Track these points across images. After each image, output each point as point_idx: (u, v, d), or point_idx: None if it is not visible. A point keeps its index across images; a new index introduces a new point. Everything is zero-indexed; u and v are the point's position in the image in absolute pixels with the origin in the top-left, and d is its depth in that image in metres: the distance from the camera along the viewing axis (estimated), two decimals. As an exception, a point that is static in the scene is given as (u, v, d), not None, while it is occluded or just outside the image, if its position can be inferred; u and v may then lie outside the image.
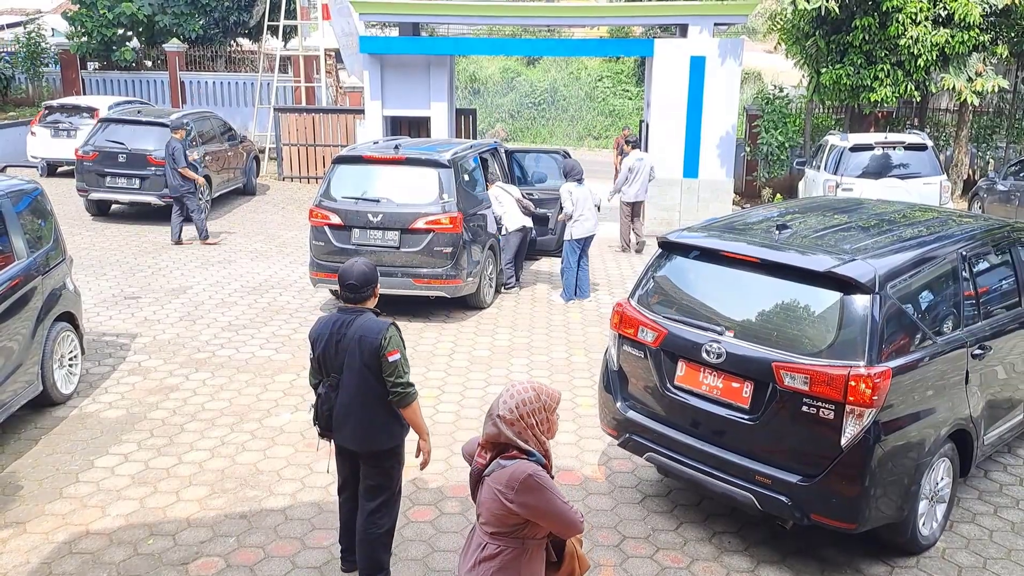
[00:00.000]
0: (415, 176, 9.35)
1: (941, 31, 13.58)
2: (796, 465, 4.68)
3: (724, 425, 4.94)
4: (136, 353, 8.24)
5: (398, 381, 4.25)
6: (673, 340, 5.19)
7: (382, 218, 9.13)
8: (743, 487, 4.82)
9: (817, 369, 4.53)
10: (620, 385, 5.59)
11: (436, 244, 9.07)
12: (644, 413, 5.40)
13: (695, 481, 5.12)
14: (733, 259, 5.19)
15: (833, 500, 4.58)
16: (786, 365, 4.62)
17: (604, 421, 5.79)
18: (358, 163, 9.62)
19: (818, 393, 4.51)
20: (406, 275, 9.12)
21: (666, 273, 5.63)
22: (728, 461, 4.89)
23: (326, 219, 9.30)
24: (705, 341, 4.99)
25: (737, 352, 4.85)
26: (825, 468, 4.54)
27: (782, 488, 4.67)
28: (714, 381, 4.99)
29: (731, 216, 6.42)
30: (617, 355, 5.61)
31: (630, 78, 35.81)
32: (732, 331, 4.95)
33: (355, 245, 9.15)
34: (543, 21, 17.19)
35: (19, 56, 23.78)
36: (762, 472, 4.74)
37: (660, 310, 5.41)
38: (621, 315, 5.58)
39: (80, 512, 5.39)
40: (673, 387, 5.19)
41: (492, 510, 3.06)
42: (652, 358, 5.30)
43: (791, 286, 4.92)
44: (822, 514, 4.63)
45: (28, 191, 7.11)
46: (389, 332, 4.27)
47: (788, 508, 4.67)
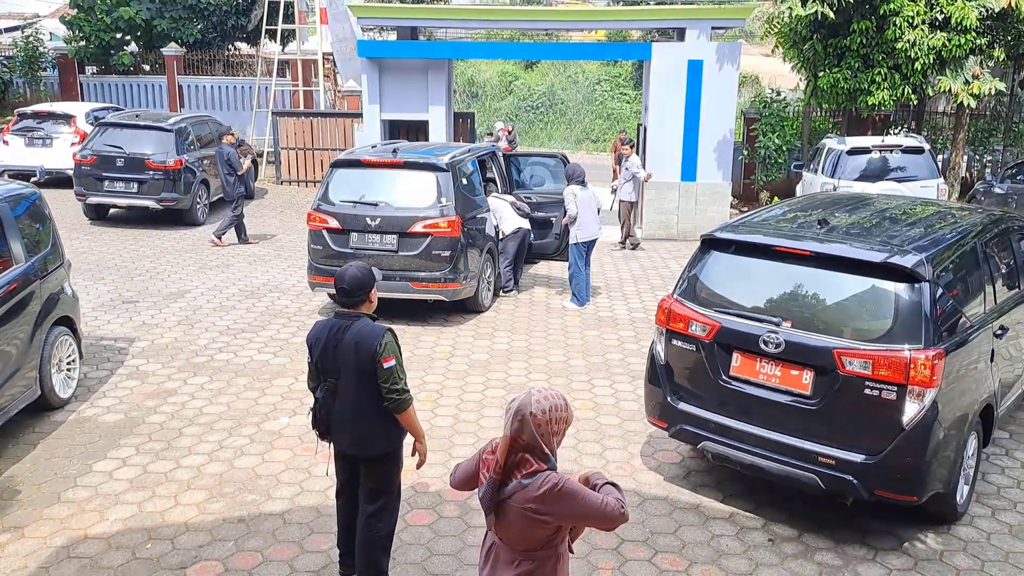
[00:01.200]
0: (413, 180, 9.37)
1: (938, 35, 13.61)
2: (859, 445, 4.97)
3: (784, 411, 5.19)
4: (134, 357, 8.24)
5: (393, 387, 4.26)
6: (727, 333, 5.42)
7: (380, 222, 9.13)
8: (806, 469, 5.09)
9: (879, 354, 4.85)
10: (669, 378, 5.80)
11: (434, 248, 9.08)
12: (697, 404, 5.62)
13: (755, 466, 5.33)
14: (784, 253, 5.43)
15: (897, 476, 4.91)
16: (848, 351, 4.93)
17: (651, 413, 5.99)
18: (356, 167, 9.62)
19: (880, 376, 4.83)
20: (404, 279, 9.12)
21: (712, 269, 5.83)
22: (789, 445, 5.15)
23: (324, 223, 9.31)
24: (762, 332, 5.24)
25: (796, 341, 5.12)
26: (888, 446, 4.87)
27: (846, 468, 4.96)
28: (772, 370, 5.25)
29: (755, 214, 6.56)
30: (665, 349, 5.81)
31: (628, 82, 35.87)
32: (789, 322, 5.21)
33: (353, 249, 9.16)
34: (541, 25, 17.22)
35: (17, 60, 23.78)
36: (825, 454, 5.02)
37: (710, 304, 5.62)
38: (669, 311, 5.77)
39: (78, 516, 5.38)
40: (728, 377, 5.43)
41: (523, 530, 3.04)
42: (705, 351, 5.52)
43: (845, 277, 5.22)
44: (886, 489, 4.95)
45: (26, 195, 7.11)
46: (385, 338, 4.27)
47: (852, 486, 4.96)
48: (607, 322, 9.77)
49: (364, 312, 4.40)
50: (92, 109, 18.45)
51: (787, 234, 5.70)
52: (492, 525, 3.12)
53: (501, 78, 36.80)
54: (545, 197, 11.87)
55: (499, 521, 3.07)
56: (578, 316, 9.98)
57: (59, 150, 17.07)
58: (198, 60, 23.95)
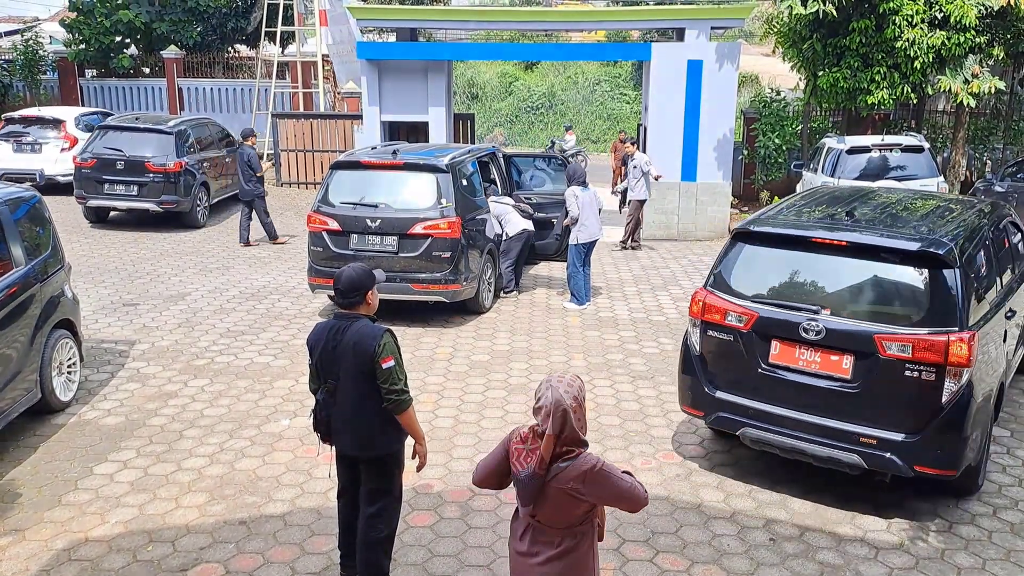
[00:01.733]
0: (413, 181, 9.38)
1: (937, 33, 13.60)
2: (899, 424, 5.24)
3: (825, 395, 5.43)
4: (135, 360, 8.24)
5: (392, 388, 4.26)
6: (766, 322, 5.63)
7: (380, 223, 9.13)
8: (848, 449, 5.35)
9: (919, 337, 5.13)
10: (704, 368, 5.99)
11: (434, 249, 9.08)
12: (735, 392, 5.81)
13: (796, 449, 5.54)
14: (819, 244, 5.69)
15: (937, 452, 5.19)
16: (888, 336, 5.20)
17: (686, 403, 6.19)
18: (356, 168, 9.62)
19: (920, 358, 5.11)
20: (404, 280, 9.10)
21: (746, 261, 6.02)
22: (830, 428, 5.41)
23: (324, 225, 9.31)
24: (802, 320, 5.46)
25: (836, 328, 5.36)
26: (928, 424, 5.16)
27: (887, 446, 5.24)
28: (812, 356, 5.48)
29: (768, 211, 6.68)
30: (700, 340, 5.97)
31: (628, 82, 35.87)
32: (828, 309, 5.45)
33: (353, 250, 9.16)
34: (540, 25, 17.22)
35: (17, 64, 23.80)
36: (867, 434, 5.29)
37: (746, 296, 5.81)
38: (704, 303, 5.93)
39: (79, 519, 5.39)
40: (768, 365, 5.64)
41: (563, 509, 3.19)
42: (743, 340, 5.72)
43: (880, 265, 5.49)
44: (926, 465, 5.22)
45: (26, 199, 7.11)
46: (383, 339, 4.27)
47: (894, 464, 5.24)
48: (608, 322, 9.77)
49: (362, 313, 4.40)
50: (82, 114, 18.16)
51: (823, 225, 5.96)
52: (530, 510, 3.23)
53: (501, 79, 36.80)
54: (545, 198, 11.87)
55: (538, 504, 3.20)
56: (579, 316, 9.98)
57: (48, 155, 16.80)
58: (198, 63, 23.95)
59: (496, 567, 4.93)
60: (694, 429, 6.84)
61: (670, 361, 8.47)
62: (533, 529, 3.29)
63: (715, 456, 6.38)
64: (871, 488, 5.87)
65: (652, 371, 8.20)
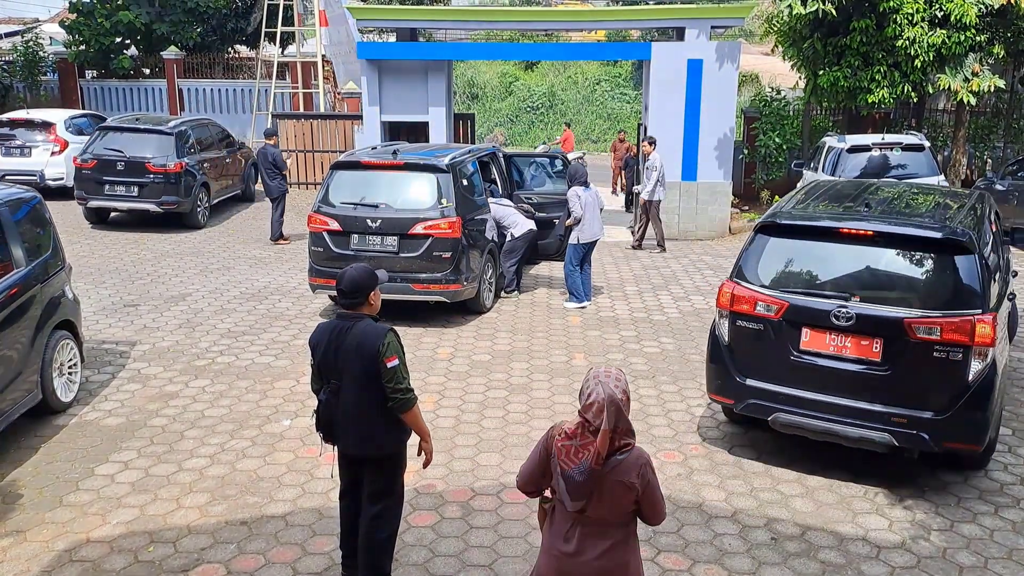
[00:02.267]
0: (414, 181, 9.37)
1: (938, 32, 13.60)
2: (928, 403, 5.50)
3: (856, 379, 5.67)
4: (135, 360, 8.24)
5: (397, 387, 4.25)
6: (796, 310, 5.83)
7: (381, 223, 9.12)
8: (880, 429, 5.59)
9: (947, 320, 5.40)
10: (733, 357, 6.17)
11: (435, 249, 9.07)
12: (766, 379, 5.99)
13: (828, 432, 5.75)
14: (845, 234, 5.91)
15: (964, 428, 5.47)
16: (917, 320, 5.46)
17: (715, 391, 6.38)
18: (356, 168, 9.60)
19: (948, 340, 5.37)
20: (405, 280, 9.08)
21: (772, 253, 6.20)
22: (862, 409, 5.64)
23: (324, 225, 9.31)
24: (832, 308, 5.67)
25: (867, 314, 5.59)
26: (956, 402, 5.42)
27: (917, 425, 5.50)
28: (842, 342, 5.70)
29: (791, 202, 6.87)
30: (729, 330, 6.16)
31: (628, 81, 35.88)
32: (857, 296, 5.67)
33: (354, 251, 9.16)
34: (540, 25, 17.22)
35: (17, 65, 23.81)
36: (897, 414, 5.54)
37: (774, 286, 6.01)
38: (732, 295, 6.11)
39: (80, 520, 5.38)
40: (798, 352, 5.83)
41: (617, 502, 3.21)
42: (774, 329, 5.92)
43: (905, 253, 5.82)
44: (954, 441, 5.54)
45: (27, 200, 7.11)
46: (387, 338, 4.26)
47: (924, 441, 5.51)
48: (608, 322, 9.77)
49: (365, 313, 4.39)
50: (72, 116, 17.68)
51: (846, 216, 6.17)
52: (580, 506, 3.21)
53: (501, 79, 36.81)
54: (546, 198, 11.86)
55: (592, 499, 3.19)
56: (579, 316, 9.97)
57: (38, 159, 16.45)
58: (198, 63, 23.97)
59: (498, 567, 4.93)
60: (695, 428, 6.84)
61: (671, 360, 8.47)
62: (582, 526, 3.26)
63: (716, 455, 6.38)
64: (871, 487, 5.87)
65: (653, 370, 8.19)
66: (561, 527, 3.32)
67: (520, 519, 5.43)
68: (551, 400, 7.43)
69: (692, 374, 8.07)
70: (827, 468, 6.17)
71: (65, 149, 16.50)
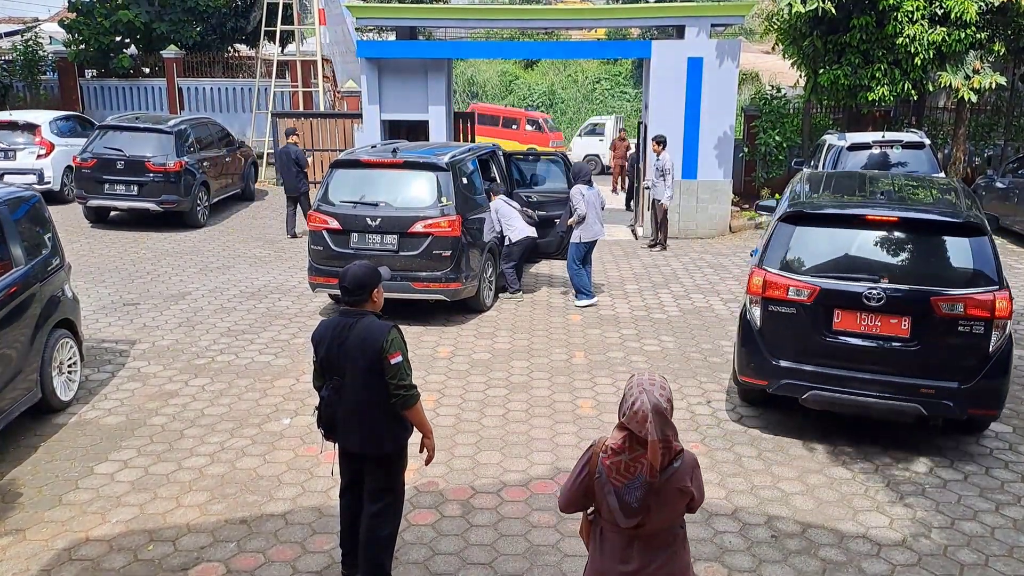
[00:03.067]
0: (413, 179, 9.36)
1: (938, 29, 13.58)
2: (953, 374, 5.95)
3: (886, 355, 6.08)
4: (135, 359, 8.24)
5: (401, 383, 4.25)
6: (828, 294, 6.18)
7: (380, 222, 9.11)
8: (909, 400, 6.02)
9: (970, 297, 5.87)
10: (765, 340, 6.47)
11: (435, 248, 9.06)
12: (799, 360, 6.34)
13: (861, 405, 6.17)
14: (870, 221, 6.31)
15: (986, 395, 5.98)
16: (943, 297, 5.91)
17: (748, 374, 6.66)
18: (356, 167, 9.58)
19: (972, 315, 5.85)
20: (405, 279, 9.07)
21: (800, 240, 6.51)
22: (892, 383, 6.06)
23: (324, 223, 9.30)
24: (863, 290, 6.05)
25: (896, 294, 6.01)
26: (979, 372, 5.91)
27: (944, 394, 5.96)
28: (872, 321, 6.09)
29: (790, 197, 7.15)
30: (761, 315, 6.46)
31: (628, 80, 35.87)
32: (886, 278, 6.06)
33: (354, 249, 9.13)
34: (541, 23, 17.19)
35: (17, 65, 23.80)
36: (925, 385, 5.98)
37: (805, 271, 6.35)
38: (765, 281, 6.41)
39: (80, 519, 5.38)
40: (831, 332, 6.19)
41: (676, 508, 3.18)
42: (807, 312, 6.25)
43: (928, 237, 6.29)
44: (976, 407, 6.04)
45: (26, 198, 7.10)
46: (391, 335, 4.26)
47: (950, 409, 5.98)
48: (609, 320, 9.76)
49: (369, 310, 4.38)
50: (57, 118, 17.05)
51: (874, 204, 6.60)
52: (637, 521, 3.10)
53: (501, 78, 36.80)
54: (546, 196, 11.85)
55: (650, 511, 3.09)
56: (580, 315, 9.96)
57: (23, 162, 15.95)
58: (197, 62, 23.94)
59: (498, 565, 4.92)
60: (696, 427, 6.83)
61: (671, 359, 8.46)
62: (640, 541, 3.16)
63: (716, 453, 6.37)
64: (872, 485, 5.87)
65: (654, 369, 8.18)
66: (616, 546, 3.20)
67: (520, 517, 5.43)
68: (551, 398, 7.42)
69: (692, 372, 8.07)
70: (827, 466, 6.17)
71: (51, 152, 16.09)
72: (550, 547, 5.10)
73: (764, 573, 4.88)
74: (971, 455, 6.35)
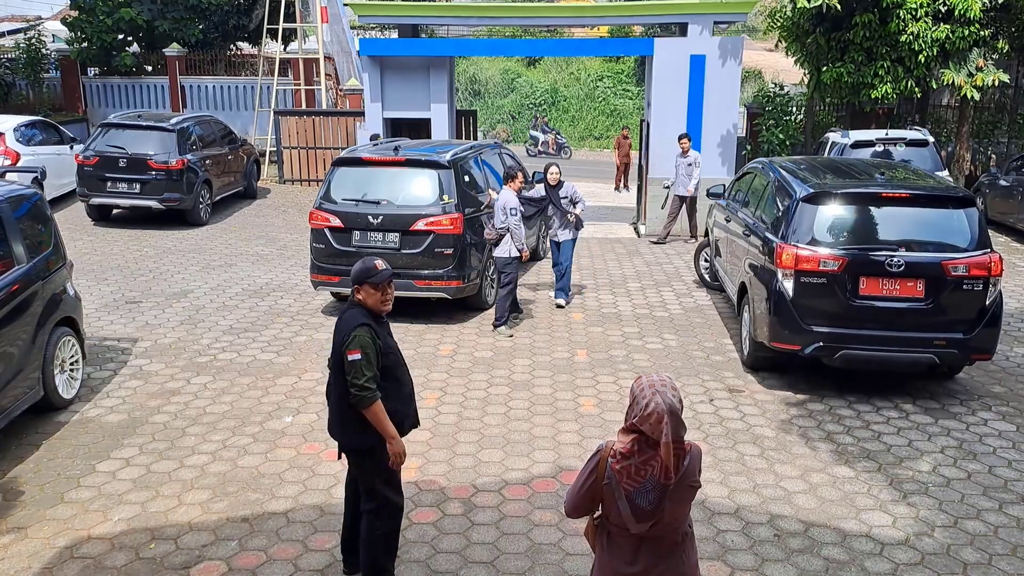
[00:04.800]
0: (415, 177, 9.35)
1: (941, 27, 13.53)
2: (959, 326, 6.99)
3: (903, 314, 7.01)
4: (137, 357, 8.23)
5: (354, 381, 4.19)
6: (855, 263, 7.02)
7: (382, 220, 9.10)
8: (925, 352, 7.01)
9: (971, 259, 6.93)
10: (798, 308, 7.17)
11: (437, 245, 9.04)
12: (829, 324, 7.11)
13: (883, 360, 7.11)
14: (885, 198, 7.25)
15: (984, 341, 7.05)
16: (952, 261, 6.92)
17: (780, 340, 7.32)
18: (358, 165, 9.59)
19: (974, 275, 6.91)
20: (407, 277, 9.02)
21: (822, 218, 7.28)
22: (910, 338, 7.02)
23: (326, 221, 9.27)
24: (885, 258, 6.95)
25: (913, 261, 6.94)
26: (978, 323, 6.98)
27: (952, 344, 6.99)
28: (892, 286, 6.99)
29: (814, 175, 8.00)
30: (794, 286, 7.16)
31: (630, 78, 35.80)
32: (903, 247, 6.98)
33: (356, 247, 9.12)
34: (543, 21, 17.16)
35: (20, 63, 23.80)
36: (937, 337, 6.99)
37: (831, 245, 7.14)
38: (796, 255, 7.15)
39: (81, 517, 5.37)
40: (858, 297, 7.01)
41: (686, 504, 3.16)
42: (835, 281, 7.05)
43: (932, 210, 7.32)
44: (977, 353, 7.12)
45: (27, 196, 7.10)
46: (355, 332, 4.23)
47: (955, 356, 7.07)
48: (611, 318, 9.74)
49: (358, 303, 4.38)
50: (21, 124, 15.50)
51: (884, 183, 7.52)
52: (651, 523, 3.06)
53: (503, 75, 36.75)
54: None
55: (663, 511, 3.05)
56: (582, 313, 9.94)
57: None
58: (200, 60, 23.92)
59: (500, 563, 4.91)
60: (698, 425, 6.82)
61: (674, 356, 8.44)
62: (649, 542, 3.11)
63: (719, 452, 6.36)
64: (875, 484, 5.85)
65: (656, 367, 8.17)
66: (625, 548, 3.15)
67: (522, 516, 5.42)
68: (553, 397, 7.41)
69: (695, 370, 8.05)
70: (830, 465, 6.16)
71: (17, 162, 14.43)
72: (552, 545, 5.09)
73: (767, 572, 4.87)
74: (974, 453, 6.34)
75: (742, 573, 4.86)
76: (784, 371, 7.92)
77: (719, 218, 10.34)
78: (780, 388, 7.62)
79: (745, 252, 8.44)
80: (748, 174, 9.75)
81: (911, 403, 7.29)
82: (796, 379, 7.79)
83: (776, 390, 7.57)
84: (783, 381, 7.77)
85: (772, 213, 7.96)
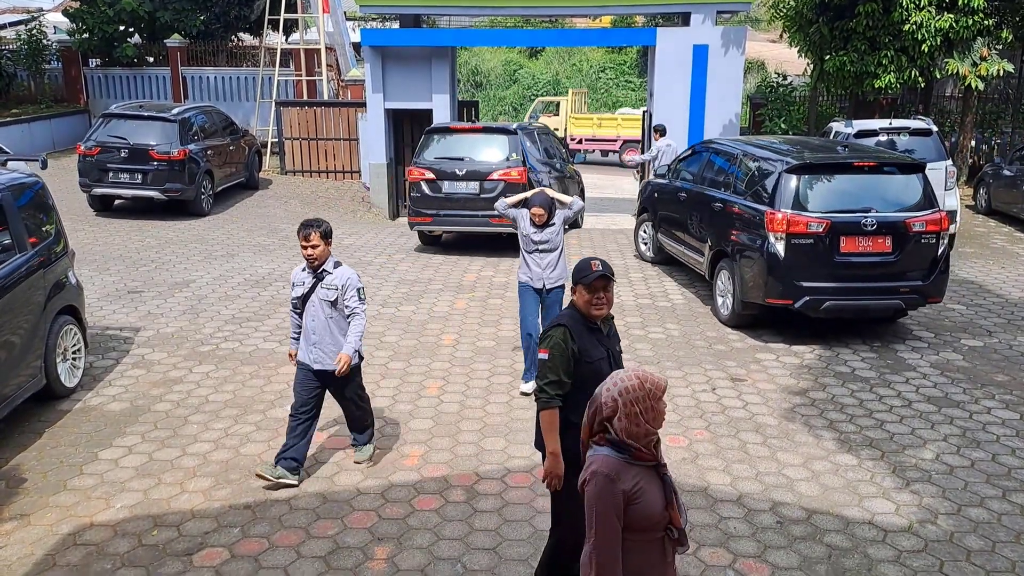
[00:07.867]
0: (490, 141, 12.24)
1: (945, 16, 13.48)
2: (917, 275, 8.19)
3: (876, 267, 8.10)
4: (139, 346, 8.23)
5: (538, 381, 4.27)
6: (836, 225, 8.00)
7: (465, 172, 11.82)
8: (893, 299, 8.21)
9: (927, 217, 8.14)
10: (789, 267, 8.07)
11: (507, 192, 10.84)
12: (817, 280, 8.07)
13: (861, 308, 8.27)
14: (857, 167, 8.34)
15: (938, 286, 8.31)
16: (914, 219, 8.09)
17: (774, 296, 8.21)
18: (445, 133, 12.48)
19: (930, 230, 8.11)
20: (485, 216, 11.35)
21: (806, 186, 8.23)
22: (882, 287, 8.16)
23: (422, 175, 11.97)
24: (861, 219, 8.00)
25: (883, 220, 8.03)
26: (933, 271, 8.21)
27: (914, 291, 8.20)
28: (866, 243, 8.05)
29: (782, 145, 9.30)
30: (785, 247, 8.06)
31: (633, 69, 35.75)
32: (873, 209, 8.05)
33: (445, 195, 11.87)
34: (545, 11, 17.11)
35: (21, 53, 23.76)
36: (903, 286, 8.16)
37: (815, 209, 8.11)
38: (787, 219, 8.04)
39: (84, 504, 5.38)
40: (840, 255, 8.04)
41: None
42: (821, 241, 8.02)
43: (891, 176, 8.43)
44: (932, 296, 8.33)
45: (29, 185, 7.09)
46: (551, 331, 4.34)
47: (916, 300, 8.28)
48: (614, 308, 9.69)
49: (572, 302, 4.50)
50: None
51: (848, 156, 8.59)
52: None
53: (505, 66, 36.69)
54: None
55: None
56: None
57: None
58: (201, 51, 23.88)
59: (502, 550, 4.91)
60: (700, 414, 6.81)
61: (676, 346, 8.43)
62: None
63: (721, 440, 6.35)
64: (878, 472, 5.84)
65: (658, 356, 8.16)
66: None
67: (524, 503, 5.42)
68: (556, 385, 7.38)
69: (697, 360, 8.04)
70: (833, 452, 6.15)
71: None
72: (554, 533, 5.09)
73: (769, 559, 4.87)
74: (977, 441, 6.32)
75: (744, 560, 4.85)
76: (779, 357, 7.91)
77: (664, 197, 11.09)
78: (783, 377, 7.61)
79: (723, 222, 9.13)
80: (695, 155, 10.64)
81: (914, 391, 7.28)
82: (799, 367, 7.79)
83: (779, 379, 7.57)
84: (786, 370, 7.76)
85: (750, 185, 8.85)
